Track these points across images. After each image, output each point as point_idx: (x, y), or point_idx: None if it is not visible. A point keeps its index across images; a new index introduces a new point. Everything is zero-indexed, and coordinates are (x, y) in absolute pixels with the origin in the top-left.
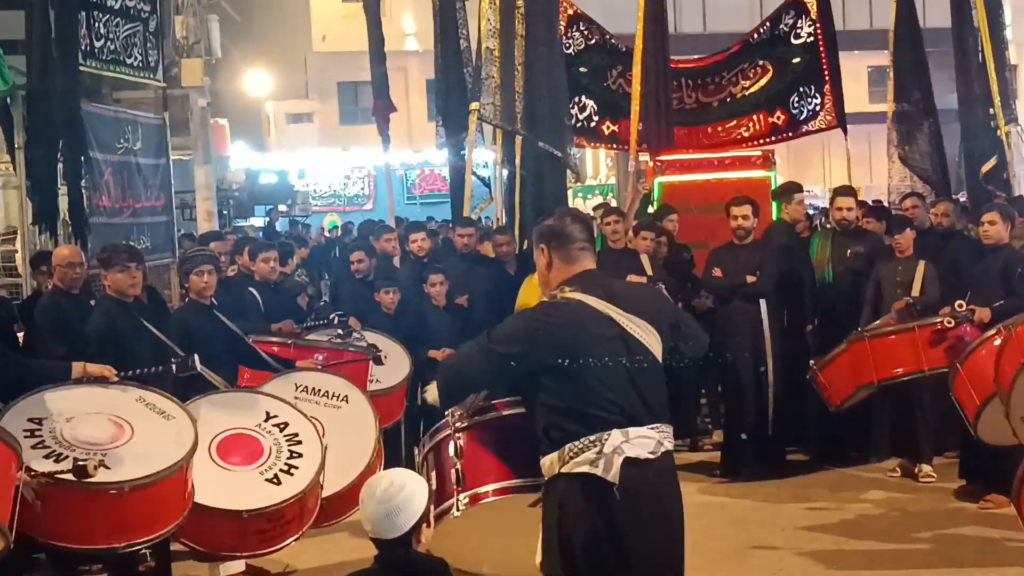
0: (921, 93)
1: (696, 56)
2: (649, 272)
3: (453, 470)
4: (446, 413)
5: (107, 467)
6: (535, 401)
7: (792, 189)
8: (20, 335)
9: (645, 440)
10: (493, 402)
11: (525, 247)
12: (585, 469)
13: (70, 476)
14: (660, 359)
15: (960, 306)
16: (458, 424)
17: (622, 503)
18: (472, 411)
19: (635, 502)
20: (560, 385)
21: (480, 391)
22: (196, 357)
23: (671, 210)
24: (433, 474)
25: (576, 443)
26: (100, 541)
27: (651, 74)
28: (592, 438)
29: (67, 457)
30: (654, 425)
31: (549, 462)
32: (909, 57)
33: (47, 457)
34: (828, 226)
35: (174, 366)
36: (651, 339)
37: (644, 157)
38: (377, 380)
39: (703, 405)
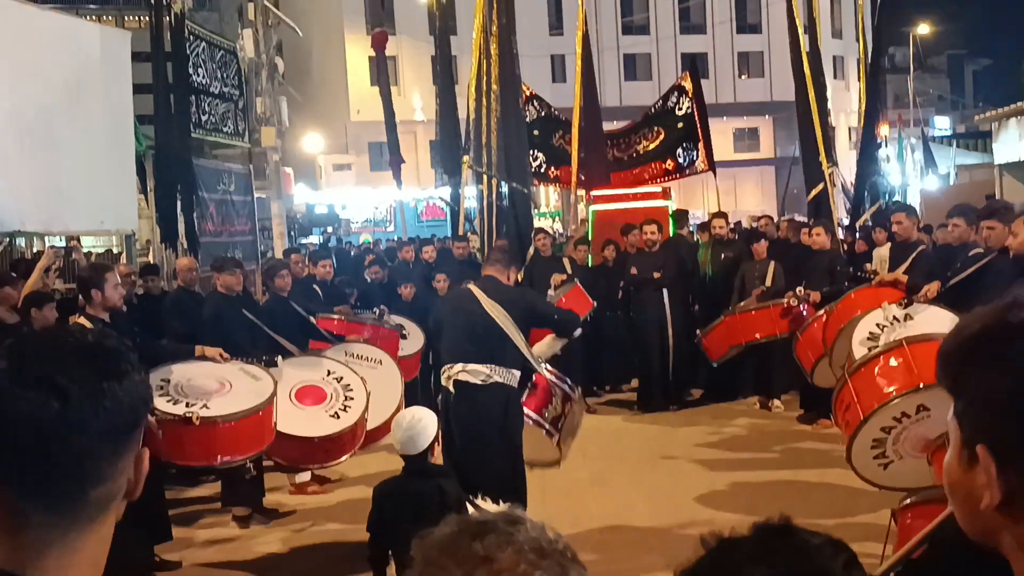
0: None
1: (615, 125)
2: (569, 272)
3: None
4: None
5: (208, 408)
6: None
7: (684, 214)
8: None
9: (476, 371)
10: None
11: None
12: (443, 381)
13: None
14: (503, 328)
15: (799, 291)
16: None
17: (453, 404)
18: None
19: (457, 404)
20: (444, 332)
21: None
22: (279, 358)
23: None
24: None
25: (444, 366)
26: (208, 460)
27: (588, 135)
28: (447, 365)
29: (182, 402)
30: (486, 364)
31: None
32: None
33: (169, 402)
34: (708, 238)
35: (264, 363)
36: (499, 315)
37: (581, 192)
38: (401, 349)
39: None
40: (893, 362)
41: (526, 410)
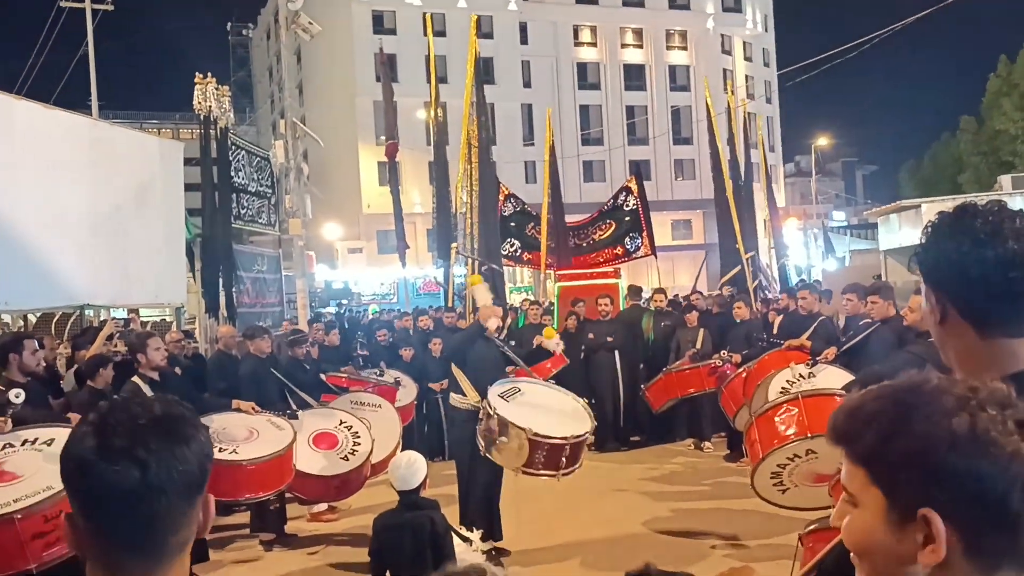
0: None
1: (576, 217)
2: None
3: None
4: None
5: (236, 452)
6: None
7: (639, 289)
8: None
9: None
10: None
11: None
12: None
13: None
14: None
15: (724, 354)
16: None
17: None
18: None
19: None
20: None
21: None
22: (299, 412)
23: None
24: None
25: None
26: (235, 495)
27: (554, 226)
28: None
29: (216, 447)
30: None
31: None
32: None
33: None
34: (651, 309)
35: (287, 415)
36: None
37: (550, 272)
38: (399, 399)
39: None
40: (789, 411)
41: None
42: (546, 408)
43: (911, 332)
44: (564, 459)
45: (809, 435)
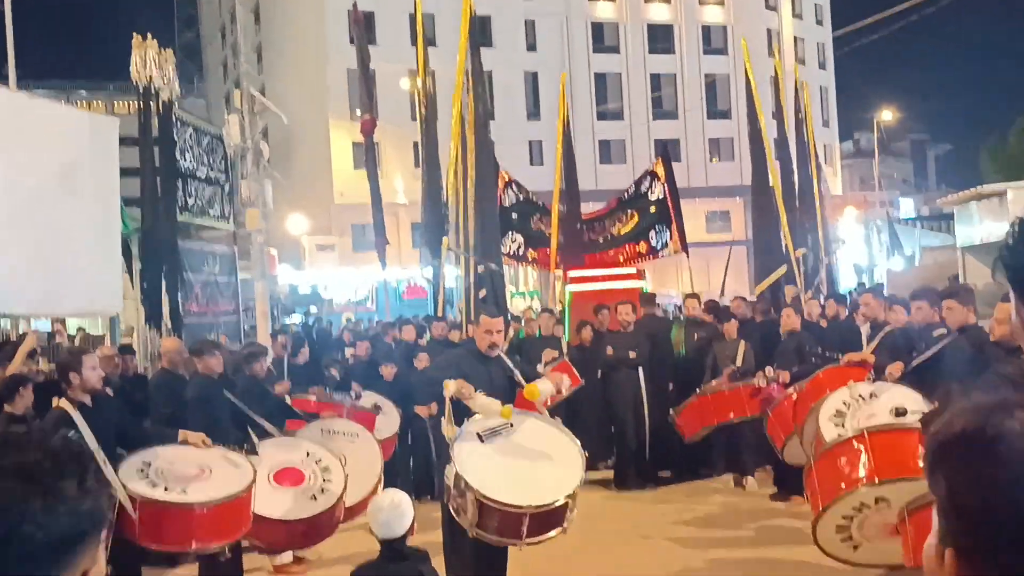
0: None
1: (590, 207)
2: (563, 349)
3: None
4: None
5: (186, 493)
6: None
7: (652, 297)
8: None
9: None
10: None
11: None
12: None
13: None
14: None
15: (769, 371)
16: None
17: None
18: None
19: None
20: None
21: None
22: (257, 445)
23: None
24: None
25: None
26: (183, 545)
27: (566, 217)
28: None
29: (160, 486)
30: None
31: None
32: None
33: (149, 485)
34: (681, 317)
35: (245, 449)
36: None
37: (559, 272)
38: (379, 429)
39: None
40: (854, 451)
41: None
42: (530, 456)
43: (998, 348)
44: (524, 529)
45: (877, 480)
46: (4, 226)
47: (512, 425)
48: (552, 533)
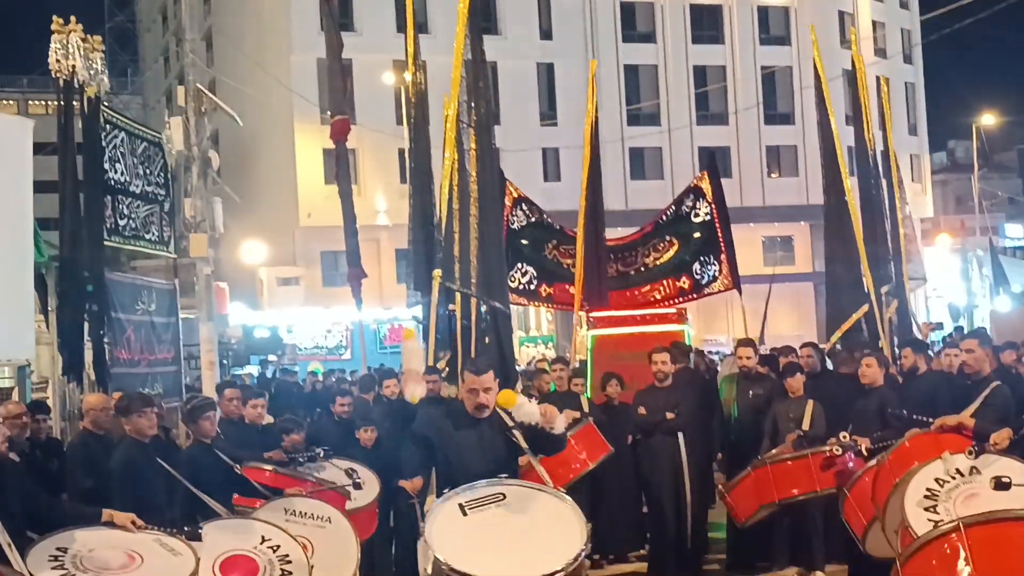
0: None
1: (619, 232)
2: (584, 410)
3: None
4: None
5: None
6: None
7: (685, 350)
8: None
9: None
10: None
11: None
12: None
13: None
14: None
15: (844, 437)
16: None
17: None
18: None
19: None
20: None
21: None
22: (201, 529)
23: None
24: None
25: None
26: None
27: (590, 247)
28: None
29: None
30: None
31: None
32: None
33: None
34: (731, 371)
35: (185, 533)
36: None
37: (582, 314)
38: (355, 500)
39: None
40: (946, 551)
41: None
42: (520, 530)
43: None
44: None
45: None
46: None
47: (505, 496)
48: None
